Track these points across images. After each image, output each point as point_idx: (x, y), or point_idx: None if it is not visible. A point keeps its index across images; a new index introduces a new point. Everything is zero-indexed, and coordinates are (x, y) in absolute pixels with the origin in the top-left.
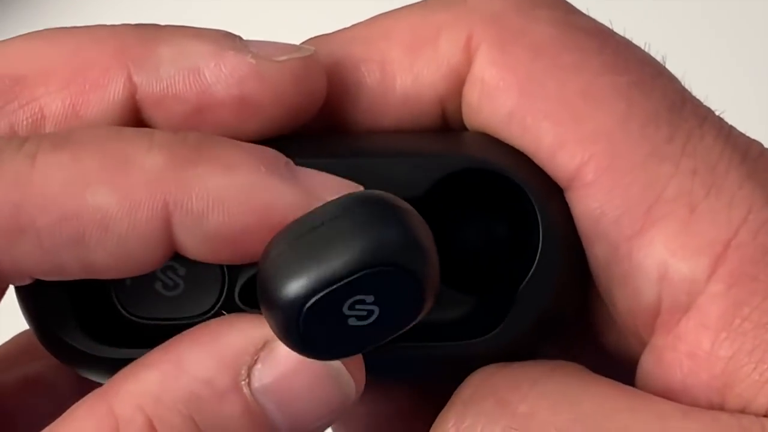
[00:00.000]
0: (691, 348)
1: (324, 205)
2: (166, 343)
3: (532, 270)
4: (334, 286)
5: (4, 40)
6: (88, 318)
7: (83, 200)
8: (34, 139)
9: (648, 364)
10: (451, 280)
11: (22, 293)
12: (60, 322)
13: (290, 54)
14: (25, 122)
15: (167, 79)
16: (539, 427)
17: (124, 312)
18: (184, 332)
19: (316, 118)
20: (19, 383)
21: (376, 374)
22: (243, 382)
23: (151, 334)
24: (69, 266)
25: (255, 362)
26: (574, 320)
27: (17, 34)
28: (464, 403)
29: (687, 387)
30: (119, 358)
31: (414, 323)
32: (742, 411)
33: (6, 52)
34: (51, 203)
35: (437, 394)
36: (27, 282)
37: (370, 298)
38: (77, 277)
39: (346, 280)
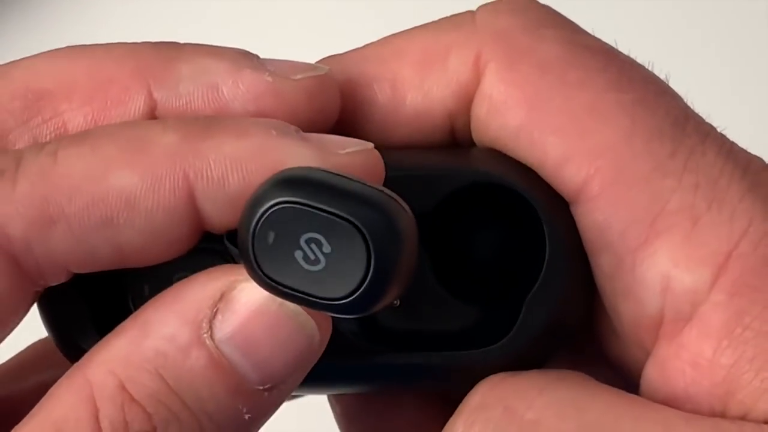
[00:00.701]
0: (694, 356)
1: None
2: (135, 311)
3: (539, 281)
4: (299, 205)
5: (28, 57)
6: (106, 325)
7: (107, 183)
8: (54, 140)
9: (651, 373)
10: (459, 291)
11: (42, 300)
12: (79, 329)
13: (305, 73)
14: (48, 137)
15: (186, 95)
16: None
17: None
18: (151, 299)
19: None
20: (36, 390)
21: (385, 384)
22: (205, 335)
23: None
24: (102, 251)
25: (215, 314)
26: (580, 330)
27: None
28: (472, 411)
29: (689, 395)
30: None
31: (344, 311)
32: (743, 418)
33: (30, 68)
34: (76, 191)
35: (445, 405)
36: (64, 278)
37: (326, 247)
38: (110, 266)
39: (310, 207)
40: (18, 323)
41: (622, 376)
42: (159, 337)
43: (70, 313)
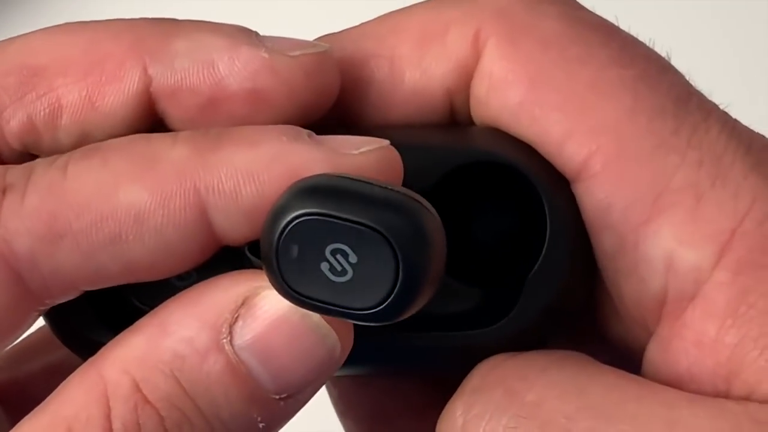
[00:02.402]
0: (697, 336)
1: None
2: (154, 309)
3: (540, 261)
4: (323, 217)
5: (24, 34)
6: (104, 309)
7: (116, 199)
8: (65, 154)
9: (654, 354)
10: (459, 271)
11: None
12: (75, 313)
13: (304, 50)
14: (42, 112)
15: (181, 71)
16: (547, 416)
17: (139, 304)
18: (171, 298)
19: (326, 112)
20: (44, 371)
21: (384, 365)
22: (224, 340)
23: None
24: (110, 268)
25: (236, 320)
26: (581, 311)
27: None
28: (472, 392)
29: (693, 375)
30: None
31: (374, 319)
32: (748, 398)
33: (26, 45)
34: (85, 207)
35: (446, 388)
36: (72, 296)
37: (353, 258)
38: (120, 282)
39: (335, 218)
40: (17, 338)
41: (624, 357)
42: (177, 339)
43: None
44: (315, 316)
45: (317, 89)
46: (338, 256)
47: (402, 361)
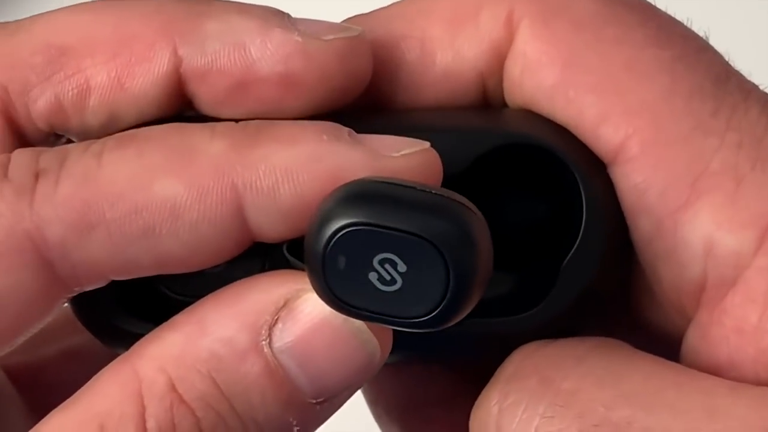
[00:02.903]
0: (738, 323)
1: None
2: (191, 306)
3: (576, 246)
4: (370, 227)
5: (51, 11)
6: (127, 294)
7: (151, 192)
8: (100, 140)
9: (693, 340)
10: (495, 257)
11: None
12: (99, 298)
13: (337, 33)
14: (70, 92)
15: (212, 53)
16: (584, 404)
17: (163, 288)
18: (209, 295)
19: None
20: (59, 355)
21: (416, 353)
22: (264, 342)
23: None
24: (142, 260)
25: (276, 321)
26: (616, 297)
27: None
28: (507, 380)
29: (734, 363)
30: None
31: (426, 326)
32: None
33: (52, 23)
34: (119, 198)
35: (477, 379)
36: (102, 284)
37: (401, 266)
38: (152, 273)
39: (383, 228)
40: (42, 324)
41: (659, 344)
42: (215, 339)
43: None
44: (357, 321)
45: (350, 73)
46: (386, 266)
47: (435, 348)
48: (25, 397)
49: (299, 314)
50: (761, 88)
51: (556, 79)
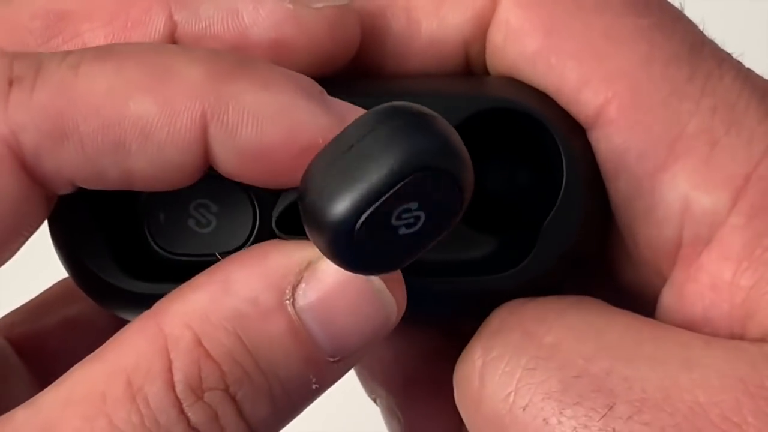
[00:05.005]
0: (713, 279)
1: (352, 124)
2: (213, 266)
3: (556, 206)
4: (379, 201)
5: None
6: (122, 254)
7: (126, 108)
8: (77, 52)
9: (669, 298)
10: (475, 220)
11: (56, 230)
12: (94, 258)
13: (327, 1)
14: None
15: (206, 19)
16: (565, 357)
17: (157, 248)
18: (231, 256)
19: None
20: (60, 325)
21: (406, 310)
22: (287, 301)
23: (185, 270)
24: (109, 174)
25: (299, 282)
26: (595, 257)
27: None
28: (491, 335)
29: (708, 318)
30: (153, 293)
31: (458, 220)
32: (763, 339)
33: None
34: (94, 111)
35: (459, 338)
36: (69, 190)
37: (414, 205)
38: (116, 187)
39: (389, 193)
40: (35, 230)
41: (636, 302)
42: (241, 298)
43: (84, 242)
44: (377, 282)
45: (339, 41)
46: (404, 215)
47: (419, 306)
48: (28, 366)
49: (322, 275)
50: (734, 56)
51: (538, 46)
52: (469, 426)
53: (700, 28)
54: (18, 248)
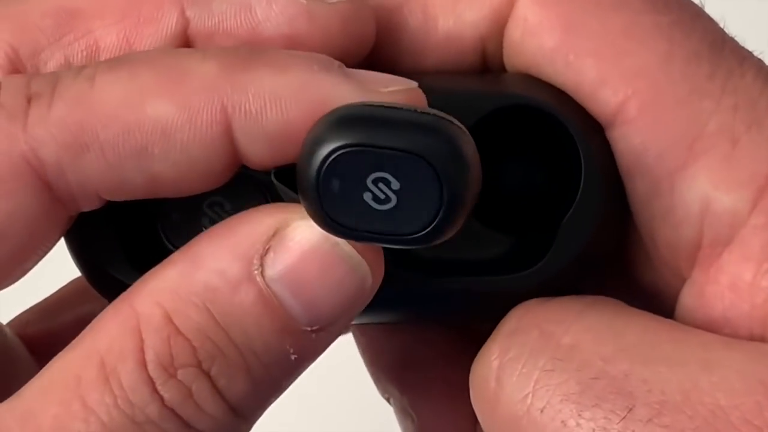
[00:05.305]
0: (733, 280)
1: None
2: (187, 243)
3: (574, 206)
4: (364, 147)
5: None
6: (135, 253)
7: (143, 112)
8: (91, 65)
9: (688, 299)
10: (492, 218)
11: (70, 230)
12: (107, 257)
13: None
14: (80, 54)
15: (219, 14)
16: (583, 358)
17: (172, 247)
18: (203, 232)
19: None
20: (75, 324)
21: (417, 311)
22: (256, 272)
23: None
24: (135, 181)
25: (267, 251)
26: (612, 257)
27: None
28: (508, 335)
29: (728, 319)
30: None
31: (422, 242)
32: None
33: None
34: (112, 118)
35: (475, 338)
36: (96, 205)
37: (395, 184)
38: (144, 196)
39: (376, 148)
40: (51, 247)
41: (654, 303)
42: (209, 271)
43: (98, 240)
44: (346, 246)
45: (354, 37)
46: (380, 185)
47: (435, 307)
48: (42, 364)
49: (289, 242)
50: (755, 54)
51: (557, 43)
52: (484, 427)
53: (721, 25)
54: (32, 266)
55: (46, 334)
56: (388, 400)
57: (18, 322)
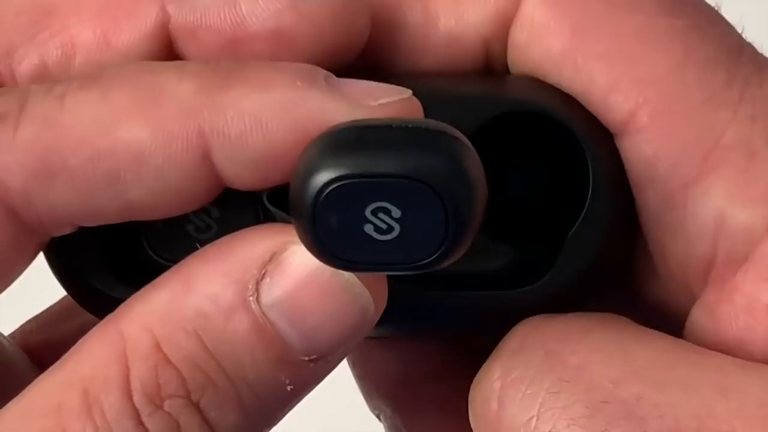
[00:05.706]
0: (748, 301)
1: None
2: (178, 264)
3: (581, 218)
4: (361, 179)
5: None
6: (117, 262)
7: (115, 137)
8: (63, 82)
9: (699, 318)
10: (495, 229)
11: (50, 244)
12: (88, 267)
13: None
14: (55, 52)
15: (201, 9)
16: (592, 380)
17: (155, 256)
18: (195, 252)
19: (355, 57)
20: (78, 333)
21: (417, 326)
22: (251, 298)
23: None
24: (107, 208)
25: (263, 276)
26: (620, 271)
27: None
28: (510, 354)
29: (742, 342)
30: None
31: (430, 267)
32: None
33: None
34: (82, 143)
35: (469, 353)
36: (68, 230)
37: (396, 212)
38: (118, 220)
39: (372, 177)
40: (20, 273)
41: (662, 321)
42: (201, 296)
43: (78, 251)
44: (347, 274)
45: (345, 31)
46: (380, 215)
47: (434, 321)
48: None
49: (287, 267)
50: None
51: (565, 45)
52: None
53: (739, 30)
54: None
55: (49, 345)
56: (378, 416)
57: (21, 332)
